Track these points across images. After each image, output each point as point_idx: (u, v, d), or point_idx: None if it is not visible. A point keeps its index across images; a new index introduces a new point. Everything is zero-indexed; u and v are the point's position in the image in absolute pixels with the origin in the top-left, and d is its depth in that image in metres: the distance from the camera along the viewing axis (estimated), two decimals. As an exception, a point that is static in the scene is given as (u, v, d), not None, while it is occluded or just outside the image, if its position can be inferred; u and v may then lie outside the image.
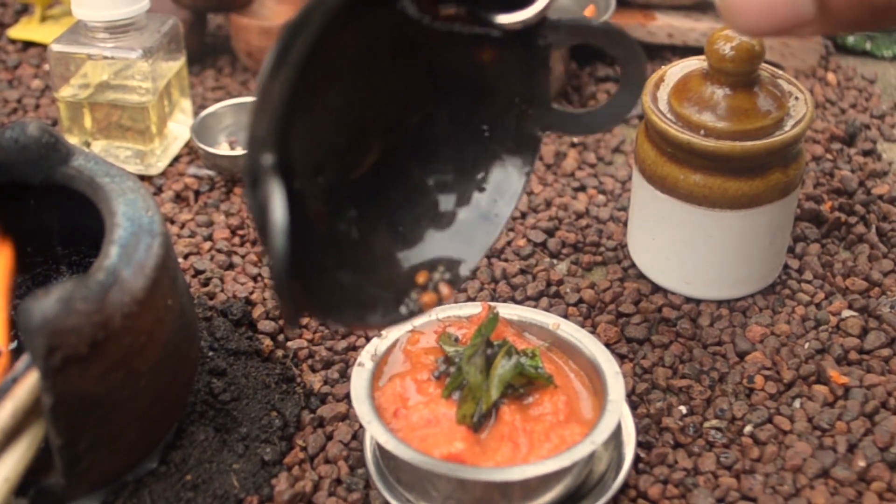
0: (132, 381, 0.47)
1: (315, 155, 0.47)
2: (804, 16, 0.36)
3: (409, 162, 0.51)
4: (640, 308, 0.65)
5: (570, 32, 0.48)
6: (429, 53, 0.49)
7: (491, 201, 0.52)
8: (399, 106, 0.50)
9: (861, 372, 0.60)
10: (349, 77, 0.47)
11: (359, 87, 0.48)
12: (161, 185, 0.79)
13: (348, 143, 0.49)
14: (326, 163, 0.48)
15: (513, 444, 0.50)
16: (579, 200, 0.76)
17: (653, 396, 0.59)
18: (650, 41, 0.94)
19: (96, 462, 0.48)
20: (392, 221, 0.51)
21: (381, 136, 0.50)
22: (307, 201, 0.47)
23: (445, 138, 0.52)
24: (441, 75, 0.50)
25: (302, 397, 0.59)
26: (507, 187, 0.52)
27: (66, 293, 0.43)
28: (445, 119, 0.51)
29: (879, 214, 0.73)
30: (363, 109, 0.49)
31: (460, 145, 0.52)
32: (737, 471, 0.54)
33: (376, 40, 0.47)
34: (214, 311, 0.64)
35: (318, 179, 0.47)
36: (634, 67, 0.47)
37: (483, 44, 0.49)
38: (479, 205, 0.52)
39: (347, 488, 0.54)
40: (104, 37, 0.75)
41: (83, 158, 0.53)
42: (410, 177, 0.51)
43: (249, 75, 0.94)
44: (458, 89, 0.51)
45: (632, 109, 0.49)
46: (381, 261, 0.50)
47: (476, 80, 0.50)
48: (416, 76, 0.50)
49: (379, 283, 0.49)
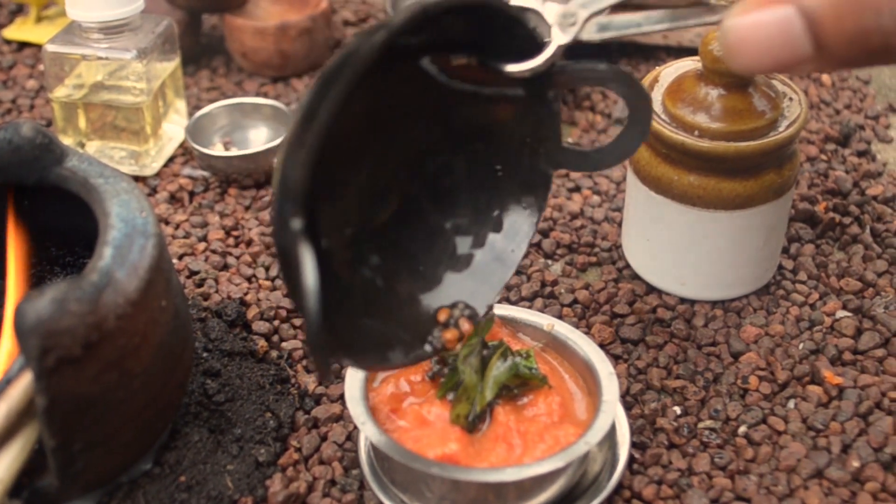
0: (126, 383, 0.47)
1: (341, 211, 0.48)
2: (802, 55, 0.37)
3: (427, 208, 0.53)
4: (634, 309, 0.65)
5: (577, 76, 0.49)
6: (447, 108, 0.50)
7: (505, 242, 0.53)
8: (417, 156, 0.51)
9: (855, 372, 0.60)
10: (370, 134, 0.48)
11: (379, 142, 0.49)
12: (155, 185, 0.78)
13: (371, 196, 0.50)
14: (351, 216, 0.49)
15: (507, 444, 0.50)
16: (574, 201, 0.76)
17: (647, 397, 0.59)
18: (645, 42, 0.94)
19: (90, 463, 0.48)
20: (412, 266, 0.52)
21: (400, 186, 0.51)
22: (334, 255, 0.48)
23: (461, 182, 0.53)
24: (458, 126, 0.51)
25: (296, 398, 0.59)
26: (520, 227, 0.53)
27: (59, 294, 0.43)
28: (461, 165, 0.53)
29: (874, 215, 0.73)
30: (384, 163, 0.50)
31: (475, 188, 0.53)
32: (731, 471, 0.54)
33: (396, 98, 0.48)
34: (209, 312, 0.64)
35: (344, 233, 0.49)
36: (642, 107, 0.49)
37: (500, 100, 0.50)
38: (494, 246, 0.54)
39: (342, 489, 0.54)
40: (98, 37, 0.75)
41: (77, 159, 0.53)
42: (428, 222, 0.53)
43: (244, 76, 0.94)
44: (474, 136, 0.52)
45: (638, 146, 0.50)
46: (404, 304, 0.52)
47: (491, 127, 0.52)
48: (434, 128, 0.51)
49: (402, 325, 0.51)
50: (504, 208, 0.54)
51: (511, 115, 0.51)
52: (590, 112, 0.88)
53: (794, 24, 0.37)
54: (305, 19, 0.91)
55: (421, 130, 0.50)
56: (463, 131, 0.52)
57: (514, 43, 0.47)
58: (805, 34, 0.37)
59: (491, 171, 0.53)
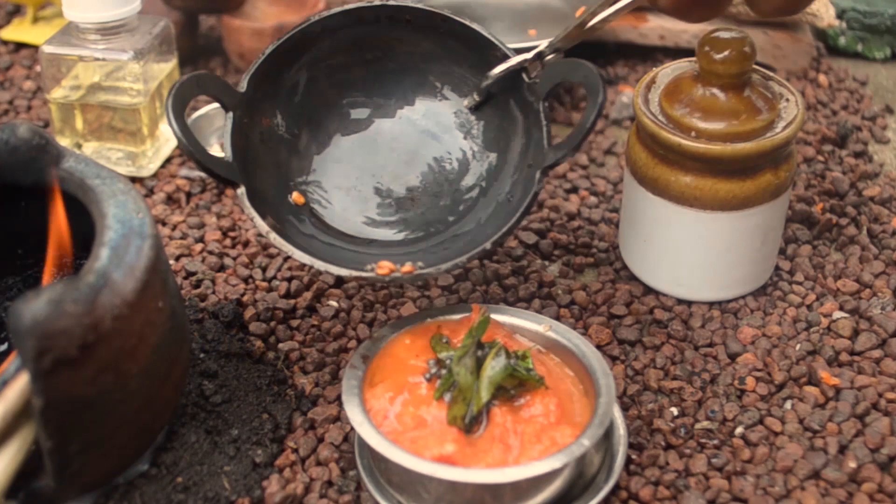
0: (123, 384, 0.47)
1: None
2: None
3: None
4: (631, 310, 0.65)
5: (546, 75, 0.60)
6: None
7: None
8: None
9: (852, 373, 0.60)
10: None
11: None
12: (153, 186, 0.78)
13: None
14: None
15: (504, 445, 0.50)
16: (571, 202, 0.76)
17: (644, 398, 0.59)
18: (642, 43, 0.94)
19: (87, 464, 0.48)
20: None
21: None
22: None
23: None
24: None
25: (293, 399, 0.59)
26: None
27: (56, 295, 0.43)
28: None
29: (870, 216, 0.73)
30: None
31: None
32: (728, 472, 0.54)
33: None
34: (206, 313, 0.64)
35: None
36: (593, 84, 0.57)
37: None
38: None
39: (338, 490, 0.54)
40: (95, 38, 0.75)
41: (74, 160, 0.53)
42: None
43: (241, 77, 0.93)
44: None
45: (595, 118, 0.56)
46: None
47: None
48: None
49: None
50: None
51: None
52: (587, 113, 0.88)
53: None
54: (302, 20, 0.91)
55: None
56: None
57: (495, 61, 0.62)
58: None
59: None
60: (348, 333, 0.64)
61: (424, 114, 0.66)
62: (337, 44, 0.64)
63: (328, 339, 0.64)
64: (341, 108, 0.66)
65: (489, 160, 0.64)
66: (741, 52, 0.59)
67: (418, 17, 0.63)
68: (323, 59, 0.64)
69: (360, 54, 0.65)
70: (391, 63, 0.65)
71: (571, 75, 0.58)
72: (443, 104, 0.66)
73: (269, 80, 0.63)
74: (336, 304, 0.66)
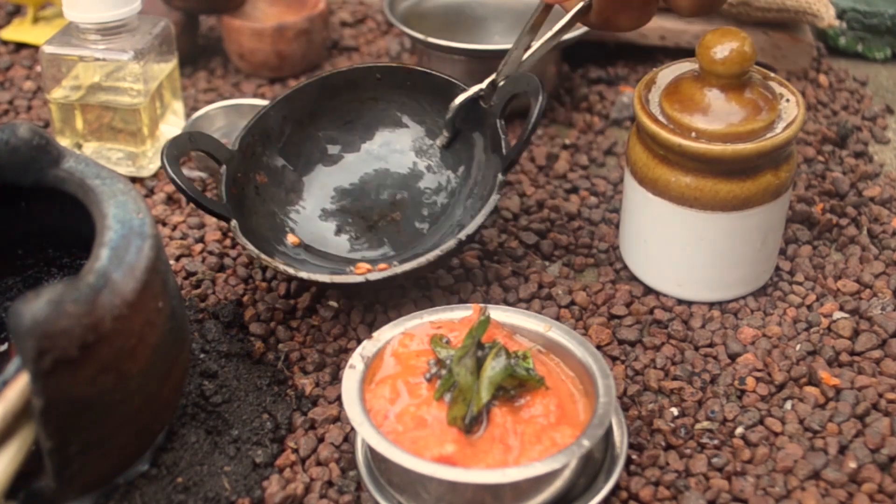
0: (123, 384, 0.47)
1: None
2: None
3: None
4: (631, 310, 0.65)
5: (499, 95, 0.66)
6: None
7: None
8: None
9: (852, 374, 0.60)
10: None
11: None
12: (153, 186, 0.78)
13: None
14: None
15: (504, 445, 0.50)
16: (571, 202, 0.76)
17: (644, 398, 0.59)
18: (643, 43, 0.94)
19: (87, 465, 0.48)
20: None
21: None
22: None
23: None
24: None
25: (293, 399, 0.59)
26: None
27: (56, 296, 0.43)
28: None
29: (871, 216, 0.73)
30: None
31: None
32: (728, 472, 0.54)
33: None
34: (206, 313, 0.64)
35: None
36: (535, 89, 0.63)
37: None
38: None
39: (339, 490, 0.54)
40: (96, 38, 0.75)
41: (74, 160, 0.53)
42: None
43: (241, 77, 0.93)
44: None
45: (538, 116, 0.62)
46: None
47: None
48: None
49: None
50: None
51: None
52: (587, 113, 0.88)
53: None
54: (303, 20, 0.91)
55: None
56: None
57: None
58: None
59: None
60: (348, 334, 0.64)
61: (397, 147, 0.72)
62: (317, 107, 0.72)
63: (328, 339, 0.64)
64: (320, 143, 0.72)
65: (458, 172, 0.70)
66: (741, 53, 0.59)
67: (386, 74, 0.71)
68: (305, 114, 0.72)
69: (339, 116, 0.73)
70: (367, 115, 0.73)
71: (518, 87, 0.65)
72: (408, 134, 0.72)
73: (258, 139, 0.70)
74: (336, 304, 0.66)
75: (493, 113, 0.66)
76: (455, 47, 0.82)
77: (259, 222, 0.67)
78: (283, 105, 0.71)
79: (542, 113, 0.63)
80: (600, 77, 0.93)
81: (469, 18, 0.91)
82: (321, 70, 0.95)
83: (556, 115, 0.87)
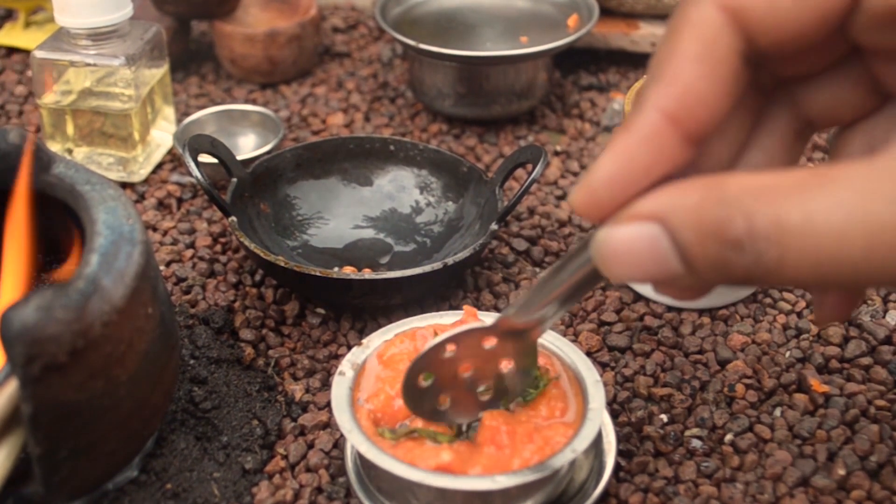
0: (112, 390, 0.47)
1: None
2: (674, 272, 0.35)
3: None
4: (621, 317, 0.66)
5: (500, 171, 0.71)
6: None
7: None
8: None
9: (841, 380, 0.60)
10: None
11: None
12: (143, 192, 0.78)
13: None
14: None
15: (496, 445, 0.50)
16: (562, 209, 0.76)
17: (634, 405, 0.59)
18: (633, 50, 0.94)
19: (76, 471, 0.48)
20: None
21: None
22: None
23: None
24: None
25: (283, 406, 0.59)
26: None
27: (45, 301, 0.43)
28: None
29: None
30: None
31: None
32: (717, 479, 0.54)
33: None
34: (196, 319, 0.64)
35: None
36: (537, 155, 0.67)
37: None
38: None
39: (328, 497, 0.54)
40: (87, 44, 0.75)
41: (64, 166, 0.53)
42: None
43: (233, 82, 0.94)
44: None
45: (534, 178, 0.66)
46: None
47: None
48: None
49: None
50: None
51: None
52: (578, 120, 0.88)
53: (662, 243, 0.35)
54: (294, 26, 0.91)
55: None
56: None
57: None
58: (673, 253, 0.35)
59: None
60: (338, 340, 0.64)
61: (398, 184, 0.76)
62: (328, 167, 0.76)
63: (318, 345, 0.64)
64: (325, 194, 0.76)
65: (450, 211, 0.73)
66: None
67: (399, 147, 0.75)
68: (317, 166, 0.75)
69: (349, 176, 0.76)
70: (375, 181, 0.76)
71: (522, 157, 0.69)
72: (411, 179, 0.76)
73: (269, 174, 0.73)
74: (324, 311, 0.66)
75: (495, 182, 0.70)
76: (447, 53, 0.82)
77: (253, 239, 0.68)
78: (302, 152, 0.74)
79: (540, 173, 0.66)
80: (591, 84, 0.93)
81: (461, 25, 0.91)
82: (313, 75, 0.95)
83: (547, 121, 0.87)
